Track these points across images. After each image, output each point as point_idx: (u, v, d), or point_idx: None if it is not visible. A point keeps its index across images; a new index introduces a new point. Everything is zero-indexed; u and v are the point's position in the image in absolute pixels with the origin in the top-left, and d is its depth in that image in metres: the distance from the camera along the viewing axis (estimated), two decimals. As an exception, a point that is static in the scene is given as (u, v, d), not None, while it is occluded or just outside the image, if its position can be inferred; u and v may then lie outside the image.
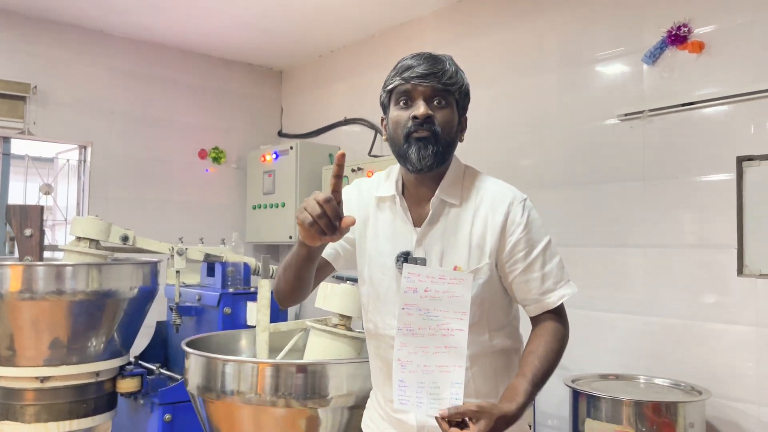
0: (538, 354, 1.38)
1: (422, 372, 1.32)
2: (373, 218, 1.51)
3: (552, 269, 1.43)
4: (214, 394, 2.02)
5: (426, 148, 1.37)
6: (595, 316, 2.70)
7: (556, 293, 1.43)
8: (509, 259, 1.42)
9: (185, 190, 4.19)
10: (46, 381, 2.45)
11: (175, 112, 4.17)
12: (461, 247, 1.41)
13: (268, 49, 4.24)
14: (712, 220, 2.37)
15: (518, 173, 3.00)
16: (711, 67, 2.39)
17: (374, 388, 1.60)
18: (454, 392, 1.30)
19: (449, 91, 1.39)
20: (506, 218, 1.41)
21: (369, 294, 1.52)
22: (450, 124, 1.41)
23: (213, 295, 2.95)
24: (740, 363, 2.27)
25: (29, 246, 2.58)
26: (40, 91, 3.61)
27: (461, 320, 1.31)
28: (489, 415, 1.25)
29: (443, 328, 1.32)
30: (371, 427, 1.62)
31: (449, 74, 1.39)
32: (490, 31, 3.21)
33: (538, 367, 1.36)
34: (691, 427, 2.11)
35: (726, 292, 2.32)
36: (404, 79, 1.38)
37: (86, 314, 2.47)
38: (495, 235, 1.41)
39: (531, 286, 1.43)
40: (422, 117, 1.36)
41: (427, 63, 1.38)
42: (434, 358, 1.32)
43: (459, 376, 1.30)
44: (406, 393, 1.32)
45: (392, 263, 1.44)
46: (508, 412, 1.27)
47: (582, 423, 2.24)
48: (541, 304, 1.44)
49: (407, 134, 1.38)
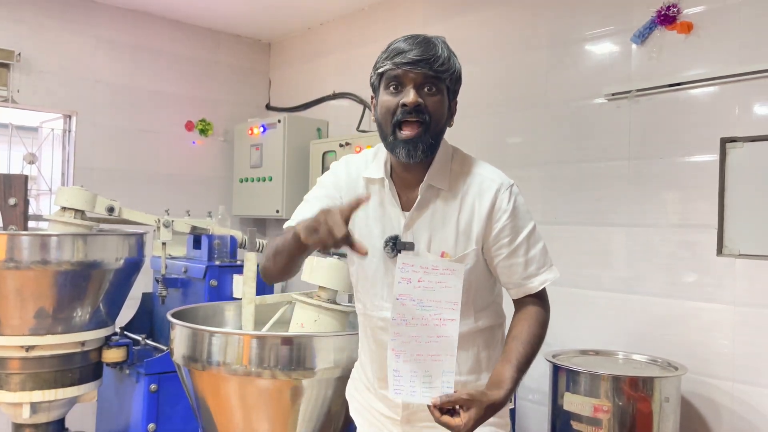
0: (522, 339, 1.42)
1: (415, 361, 1.35)
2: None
3: (535, 255, 1.47)
4: (199, 365, 2.04)
5: (415, 148, 1.36)
6: (577, 293, 2.74)
7: (539, 278, 1.47)
8: (495, 243, 1.45)
9: (172, 162, 4.16)
10: (31, 350, 2.46)
11: (161, 83, 4.12)
12: (449, 233, 1.44)
13: (257, 20, 4.18)
14: (695, 201, 2.40)
15: (506, 151, 3.01)
16: (699, 48, 2.40)
17: (362, 361, 1.63)
18: (446, 380, 1.34)
19: (441, 78, 1.37)
20: (493, 205, 1.43)
21: (358, 274, 1.54)
22: (440, 111, 1.39)
23: (199, 268, 2.95)
24: (716, 341, 2.33)
25: (14, 215, 2.56)
26: (24, 59, 3.54)
27: (453, 310, 1.35)
28: (479, 403, 1.29)
29: (436, 318, 1.35)
30: (356, 398, 1.66)
31: (441, 60, 1.36)
32: (480, 8, 3.20)
33: (523, 353, 1.39)
34: (666, 402, 2.17)
35: (705, 272, 2.37)
36: (395, 64, 1.35)
37: (71, 284, 2.47)
38: (482, 221, 1.43)
39: (514, 270, 1.46)
40: (411, 105, 1.34)
41: (419, 48, 1.34)
42: (426, 347, 1.35)
43: (450, 365, 1.34)
44: (400, 383, 1.35)
45: (381, 245, 1.45)
46: (496, 400, 1.32)
47: (561, 397, 2.29)
48: (523, 288, 1.48)
49: (396, 124, 1.36)
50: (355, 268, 1.54)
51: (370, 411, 1.58)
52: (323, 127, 4.08)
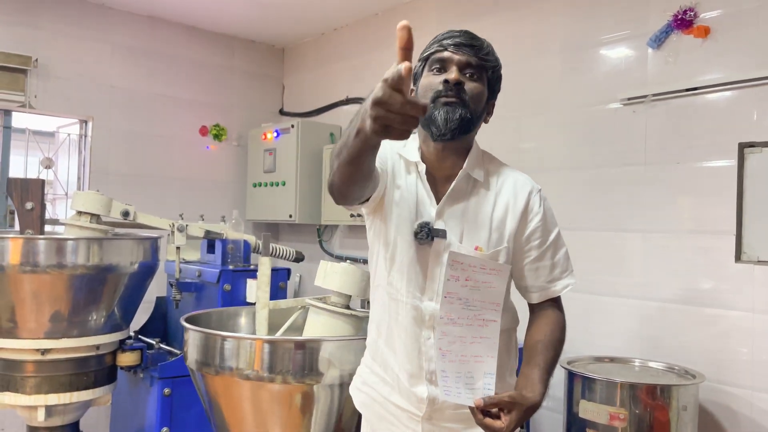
0: (546, 343, 1.42)
1: (460, 362, 1.34)
2: (398, 174, 1.47)
3: (560, 259, 1.49)
4: (213, 369, 2.05)
5: (454, 112, 1.36)
6: (592, 299, 2.71)
7: (562, 282, 1.49)
8: (526, 245, 1.46)
9: (186, 167, 4.18)
10: (46, 353, 2.47)
11: (176, 88, 4.15)
12: (482, 228, 1.44)
13: (271, 26, 4.20)
14: (712, 206, 2.37)
15: (520, 156, 2.99)
16: (716, 53, 2.38)
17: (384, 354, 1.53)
18: (487, 382, 1.33)
19: (483, 66, 1.42)
20: (527, 206, 1.46)
21: (385, 256, 1.48)
22: (479, 96, 1.42)
23: (213, 272, 2.96)
24: (735, 348, 2.29)
25: (30, 219, 2.58)
26: (41, 65, 3.59)
27: (495, 311, 1.35)
28: (520, 405, 1.29)
29: (479, 318, 1.35)
30: (364, 391, 1.59)
31: (486, 50, 1.43)
32: (494, 12, 3.19)
33: (549, 357, 1.40)
34: (684, 410, 2.14)
35: (723, 278, 2.33)
36: (443, 45, 1.40)
37: (87, 288, 2.49)
38: (515, 220, 1.45)
39: (541, 273, 1.47)
40: (453, 81, 1.36)
41: (466, 36, 1.42)
42: (470, 348, 1.35)
43: (491, 367, 1.34)
44: (448, 383, 1.33)
45: (411, 230, 1.43)
46: (535, 402, 1.32)
47: (576, 404, 2.26)
48: (546, 292, 1.49)
49: (435, 97, 1.37)
50: (389, 249, 1.47)
51: (384, 404, 1.52)
52: (336, 132, 4.09)
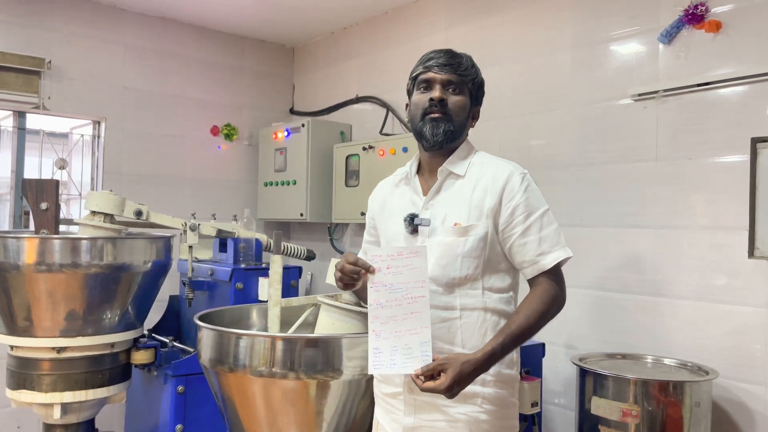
0: (520, 312, 1.54)
1: (394, 337, 1.49)
2: (389, 199, 1.77)
3: (549, 234, 1.58)
4: (226, 367, 2.06)
5: (438, 126, 1.61)
6: (604, 295, 2.70)
7: (552, 255, 1.57)
8: (509, 222, 1.57)
9: (198, 167, 4.21)
10: (62, 351, 2.50)
11: (187, 89, 4.17)
12: (462, 208, 1.60)
13: (281, 25, 4.22)
14: (725, 202, 2.36)
15: (530, 153, 2.99)
16: (727, 47, 2.36)
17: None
18: (424, 350, 1.47)
19: (464, 81, 1.63)
20: (504, 185, 1.59)
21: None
22: (461, 109, 1.63)
23: (225, 271, 2.98)
24: (748, 344, 2.28)
25: (45, 219, 2.61)
26: (54, 66, 3.62)
27: (422, 287, 1.49)
28: (454, 362, 1.44)
29: (408, 297, 1.50)
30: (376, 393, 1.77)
31: (465, 67, 1.64)
32: (504, 9, 3.18)
33: (517, 325, 1.51)
34: (697, 407, 2.13)
35: (736, 274, 2.32)
36: (426, 67, 1.64)
37: (101, 287, 2.52)
38: (493, 197, 1.58)
39: (528, 248, 1.57)
40: (437, 99, 1.60)
41: (447, 56, 1.63)
42: (403, 323, 1.50)
43: (426, 336, 1.48)
44: (380, 358, 1.50)
45: (402, 230, 1.64)
46: (471, 358, 1.45)
47: (589, 401, 2.26)
48: (537, 266, 1.57)
49: (423, 114, 1.62)
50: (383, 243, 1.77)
51: (382, 397, 1.69)
52: (347, 130, 4.10)
